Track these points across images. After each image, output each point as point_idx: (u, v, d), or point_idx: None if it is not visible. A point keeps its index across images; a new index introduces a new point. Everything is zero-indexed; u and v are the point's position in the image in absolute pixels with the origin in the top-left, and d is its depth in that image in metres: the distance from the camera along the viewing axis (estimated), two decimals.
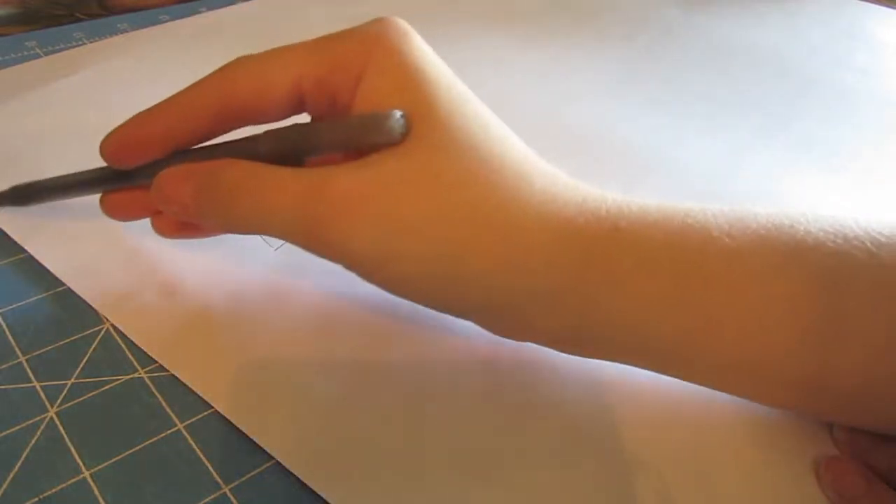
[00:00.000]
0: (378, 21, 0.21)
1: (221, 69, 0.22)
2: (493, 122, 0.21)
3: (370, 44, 0.21)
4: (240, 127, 0.23)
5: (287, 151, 0.21)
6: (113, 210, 0.25)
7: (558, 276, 0.20)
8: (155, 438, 0.22)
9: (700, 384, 0.22)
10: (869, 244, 0.20)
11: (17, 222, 0.29)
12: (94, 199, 0.28)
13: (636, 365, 0.23)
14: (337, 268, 0.25)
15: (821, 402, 0.21)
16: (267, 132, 0.22)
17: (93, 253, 0.28)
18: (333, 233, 0.20)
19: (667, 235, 0.20)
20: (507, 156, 0.20)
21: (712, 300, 0.20)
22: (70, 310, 0.26)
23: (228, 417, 0.22)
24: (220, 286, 0.27)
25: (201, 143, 0.23)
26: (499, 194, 0.20)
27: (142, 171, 0.23)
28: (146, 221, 0.29)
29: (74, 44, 0.45)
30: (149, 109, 0.23)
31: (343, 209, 0.20)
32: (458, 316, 0.23)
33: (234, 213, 0.21)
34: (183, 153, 0.23)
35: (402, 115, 0.20)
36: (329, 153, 0.22)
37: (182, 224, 0.25)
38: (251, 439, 0.22)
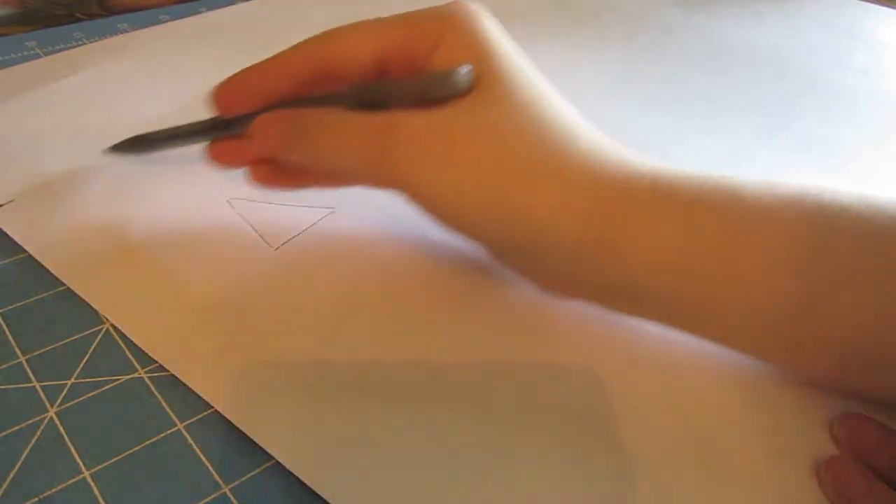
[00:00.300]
0: (454, 2, 0.25)
1: (317, 37, 0.25)
2: (549, 89, 0.24)
3: (445, 20, 0.24)
4: (330, 87, 0.25)
5: (367, 104, 0.24)
6: (216, 156, 0.28)
7: (595, 226, 0.22)
8: (155, 438, 0.22)
9: (714, 341, 0.24)
10: (893, 211, 0.21)
11: (17, 222, 0.29)
12: (97, 200, 0.28)
13: (664, 322, 0.24)
14: (337, 268, 0.25)
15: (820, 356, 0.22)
16: (350, 86, 0.25)
17: (93, 253, 0.28)
18: (400, 165, 0.23)
19: (700, 193, 0.22)
20: (559, 118, 0.23)
21: (735, 256, 0.21)
22: (70, 310, 0.26)
23: (228, 417, 0.22)
24: (220, 287, 0.27)
25: (295, 99, 0.26)
26: (548, 148, 0.22)
27: (242, 121, 0.26)
28: (147, 223, 0.29)
29: (74, 44, 0.45)
30: (254, 66, 0.25)
31: (411, 145, 0.23)
32: (501, 261, 0.25)
33: (316, 147, 0.25)
34: (278, 105, 0.26)
35: (468, 70, 0.23)
36: (404, 105, 0.24)
37: (274, 174, 0.28)
38: (251, 439, 0.22)
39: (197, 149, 0.28)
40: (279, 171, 0.27)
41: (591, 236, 0.22)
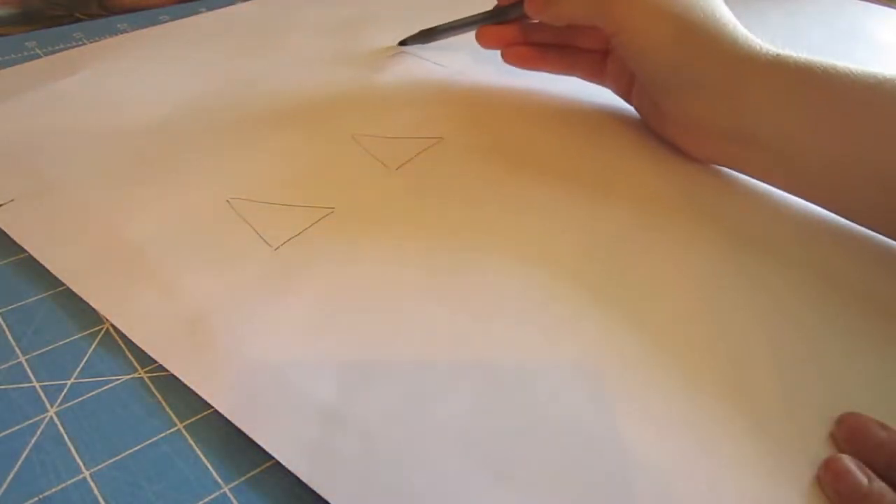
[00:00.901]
0: None
1: None
2: None
3: None
4: None
5: None
6: (483, 39, 0.39)
7: (731, 78, 0.31)
8: (155, 438, 0.22)
9: (801, 193, 0.32)
10: None
11: (17, 222, 0.29)
12: (97, 200, 0.28)
13: (765, 177, 0.33)
14: (336, 268, 0.24)
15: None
16: None
17: (93, 253, 0.28)
18: (616, 13, 0.33)
19: (811, 66, 0.30)
20: (724, 11, 0.33)
21: (825, 115, 0.29)
22: (70, 310, 0.26)
23: (228, 417, 0.22)
24: (219, 286, 0.27)
25: None
26: (714, 22, 0.32)
27: (510, 11, 0.38)
28: (147, 224, 0.29)
29: (74, 44, 0.45)
30: None
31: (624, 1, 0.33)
32: (654, 108, 0.35)
33: (562, 4, 0.35)
34: None
35: None
36: None
37: (521, 54, 0.39)
38: (251, 439, 0.22)
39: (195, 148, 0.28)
40: (525, 53, 0.39)
41: (727, 86, 0.31)
